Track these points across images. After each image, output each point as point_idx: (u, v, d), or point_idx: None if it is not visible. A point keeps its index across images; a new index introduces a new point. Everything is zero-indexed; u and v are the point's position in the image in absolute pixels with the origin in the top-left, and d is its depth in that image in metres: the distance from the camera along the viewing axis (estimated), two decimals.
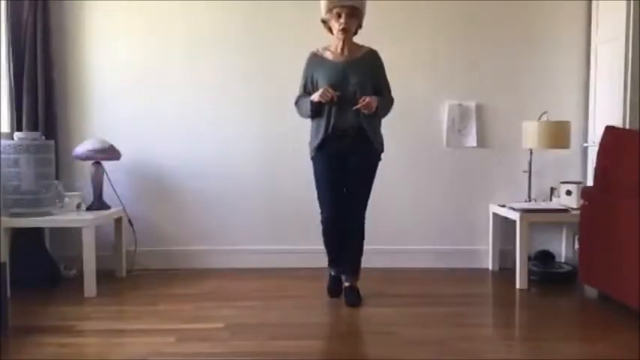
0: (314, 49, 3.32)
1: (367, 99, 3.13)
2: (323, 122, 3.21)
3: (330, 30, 3.24)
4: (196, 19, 4.10)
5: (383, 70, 3.32)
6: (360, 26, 3.25)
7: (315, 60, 3.30)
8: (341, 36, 3.18)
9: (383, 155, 3.31)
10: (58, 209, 3.71)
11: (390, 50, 4.06)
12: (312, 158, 3.31)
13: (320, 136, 3.22)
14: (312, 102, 3.18)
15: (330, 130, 3.19)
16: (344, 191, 3.30)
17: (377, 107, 3.17)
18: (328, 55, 3.28)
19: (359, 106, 3.12)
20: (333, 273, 3.48)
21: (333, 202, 3.27)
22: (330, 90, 3.12)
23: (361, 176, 3.27)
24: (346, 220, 3.29)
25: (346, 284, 3.39)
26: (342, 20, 3.14)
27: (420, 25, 4.13)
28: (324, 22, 3.25)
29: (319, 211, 3.33)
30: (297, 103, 3.35)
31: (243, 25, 4.11)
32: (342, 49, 3.23)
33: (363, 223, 3.33)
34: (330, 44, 3.29)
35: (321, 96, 3.13)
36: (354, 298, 3.31)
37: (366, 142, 3.21)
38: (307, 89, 3.30)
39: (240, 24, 4.11)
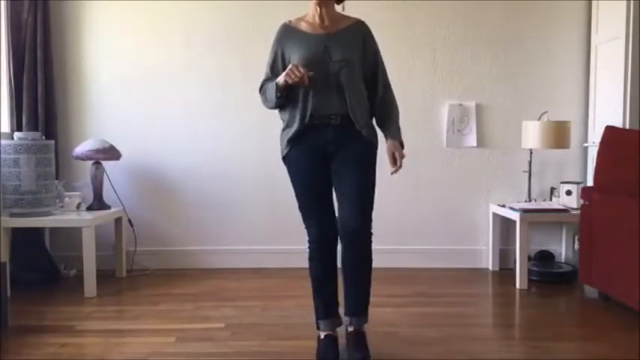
0: (286, 21, 2.59)
1: (397, 157, 2.52)
2: (298, 110, 2.47)
3: None
4: (196, 19, 4.10)
5: (375, 46, 2.57)
6: None
7: (287, 32, 2.53)
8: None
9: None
10: (58, 209, 3.72)
11: (389, 50, 4.08)
12: (285, 158, 2.55)
13: (294, 127, 2.47)
14: (277, 85, 2.43)
15: (307, 119, 2.44)
16: (333, 201, 2.54)
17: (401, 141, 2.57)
18: (304, 26, 2.52)
19: (395, 170, 2.52)
20: (325, 333, 2.54)
21: (323, 215, 2.50)
22: (300, 68, 2.36)
23: (358, 175, 2.48)
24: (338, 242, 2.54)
25: (350, 329, 2.54)
26: None
27: (420, 25, 4.13)
28: None
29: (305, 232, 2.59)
30: (261, 89, 2.58)
31: (243, 24, 4.11)
32: (322, 19, 2.49)
33: (370, 238, 2.53)
34: (307, 13, 2.56)
35: (287, 75, 2.37)
36: (362, 355, 2.44)
37: (354, 133, 2.46)
38: (276, 71, 2.52)
39: (240, 23, 4.11)
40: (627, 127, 3.66)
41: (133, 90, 4.13)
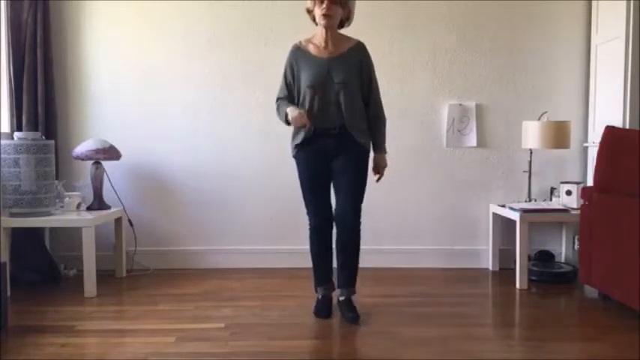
0: (297, 42, 3.08)
1: (379, 169, 3.14)
2: None
3: (315, 20, 3.02)
4: (196, 19, 4.10)
5: (371, 67, 3.06)
6: (347, 19, 3.04)
7: (298, 53, 3.05)
8: (323, 22, 2.93)
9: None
10: (58, 209, 3.72)
11: (389, 50, 4.10)
12: (295, 157, 3.11)
13: (301, 135, 3.02)
14: (286, 116, 3.00)
15: (311, 131, 2.99)
16: (331, 194, 3.10)
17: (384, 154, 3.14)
18: (312, 49, 3.03)
19: (378, 179, 3.16)
20: (321, 294, 3.16)
21: (320, 206, 3.08)
22: (306, 118, 2.93)
23: (352, 174, 3.02)
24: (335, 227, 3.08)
25: (341, 298, 3.11)
26: (324, 5, 2.90)
27: (420, 25, 4.12)
28: (309, 11, 3.03)
29: (307, 218, 3.13)
30: (277, 103, 3.13)
31: (243, 24, 4.11)
32: (326, 42, 2.99)
33: (359, 226, 3.07)
34: (315, 35, 3.05)
35: (294, 119, 2.95)
36: (353, 314, 3.02)
37: (351, 141, 3.00)
38: (288, 81, 3.07)
39: (240, 23, 4.11)
40: (627, 127, 3.66)
41: (133, 90, 4.13)
